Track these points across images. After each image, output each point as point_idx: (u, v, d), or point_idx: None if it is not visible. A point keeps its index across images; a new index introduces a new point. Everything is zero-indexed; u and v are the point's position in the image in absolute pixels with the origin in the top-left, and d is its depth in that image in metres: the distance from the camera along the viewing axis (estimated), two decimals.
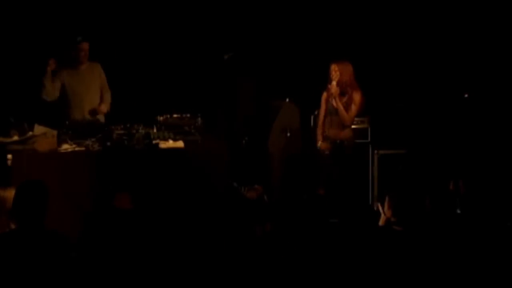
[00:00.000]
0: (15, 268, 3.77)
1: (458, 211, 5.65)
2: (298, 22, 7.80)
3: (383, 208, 5.16)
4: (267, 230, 4.74)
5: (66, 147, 5.85)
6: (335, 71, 6.71)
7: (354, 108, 6.72)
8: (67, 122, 6.29)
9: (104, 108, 6.80)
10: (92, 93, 6.80)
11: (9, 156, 5.60)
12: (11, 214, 4.15)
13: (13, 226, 4.29)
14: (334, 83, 6.67)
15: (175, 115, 6.42)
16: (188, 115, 6.45)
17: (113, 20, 7.53)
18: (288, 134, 6.99)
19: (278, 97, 7.50)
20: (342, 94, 6.70)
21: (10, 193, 4.40)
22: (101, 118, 6.79)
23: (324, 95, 6.82)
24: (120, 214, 4.46)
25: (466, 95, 7.60)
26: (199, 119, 6.42)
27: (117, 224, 4.01)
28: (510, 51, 7.63)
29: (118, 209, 4.80)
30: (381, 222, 5.24)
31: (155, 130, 6.21)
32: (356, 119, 7.41)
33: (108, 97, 6.90)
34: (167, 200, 5.67)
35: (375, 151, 7.37)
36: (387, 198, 5.05)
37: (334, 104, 6.70)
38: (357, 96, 6.71)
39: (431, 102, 7.58)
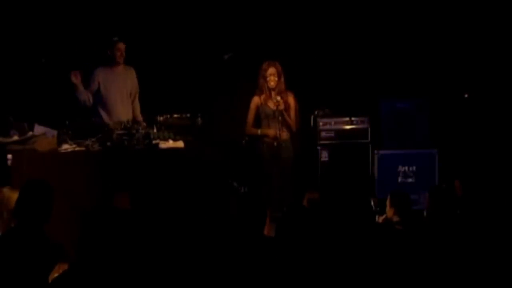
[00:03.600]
0: (8, 265, 3.78)
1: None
2: (297, 21, 7.79)
3: (376, 207, 5.17)
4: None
5: (66, 147, 5.84)
6: (275, 76, 6.68)
7: (293, 113, 6.78)
8: (67, 122, 6.29)
9: (139, 118, 6.79)
10: (124, 94, 6.80)
11: (9, 156, 5.60)
12: (13, 213, 4.16)
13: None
14: (279, 98, 6.67)
15: (175, 115, 6.42)
16: (188, 115, 6.45)
17: (113, 20, 7.53)
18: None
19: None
20: (282, 98, 6.73)
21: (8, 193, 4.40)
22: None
23: (255, 100, 6.82)
24: (119, 214, 4.45)
25: (466, 95, 7.59)
26: (199, 119, 6.42)
27: (116, 224, 4.01)
28: (510, 51, 7.62)
29: (117, 209, 4.79)
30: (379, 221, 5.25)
31: (155, 130, 6.20)
32: (356, 119, 7.43)
33: (139, 108, 6.91)
34: (167, 200, 5.66)
35: (375, 151, 7.36)
36: (388, 198, 5.05)
37: (273, 108, 6.71)
38: (292, 100, 6.78)
39: (431, 101, 7.58)
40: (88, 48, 7.14)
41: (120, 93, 6.77)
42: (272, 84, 6.71)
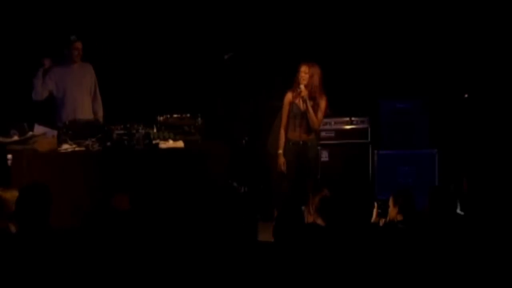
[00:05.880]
0: (18, 270, 3.77)
1: (460, 212, 5.66)
2: (297, 22, 7.80)
3: (378, 209, 5.16)
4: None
5: (66, 147, 5.85)
6: (305, 73, 6.55)
7: (320, 114, 6.58)
8: (66, 122, 6.29)
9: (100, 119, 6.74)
10: (85, 92, 6.77)
11: (9, 156, 5.60)
12: (13, 216, 4.15)
13: (13, 228, 4.29)
14: (303, 86, 6.50)
15: (175, 115, 6.42)
16: (188, 115, 6.45)
17: (114, 19, 7.53)
18: None
19: (278, 97, 7.49)
20: (310, 98, 6.55)
21: (11, 195, 4.39)
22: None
23: (288, 96, 6.64)
24: (118, 215, 4.45)
25: (466, 95, 7.60)
26: (199, 119, 6.42)
27: (115, 224, 4.01)
28: (510, 51, 7.62)
29: (117, 209, 4.79)
30: (373, 220, 5.26)
31: (155, 130, 6.20)
32: (356, 119, 7.43)
33: (100, 108, 6.86)
34: (167, 200, 5.66)
35: (375, 151, 7.37)
36: (391, 198, 5.05)
37: (302, 107, 6.55)
38: (323, 103, 6.56)
39: (431, 101, 7.58)
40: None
41: (80, 92, 6.73)
42: (303, 82, 6.57)
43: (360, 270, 3.91)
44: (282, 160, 6.62)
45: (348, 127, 7.44)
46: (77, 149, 5.84)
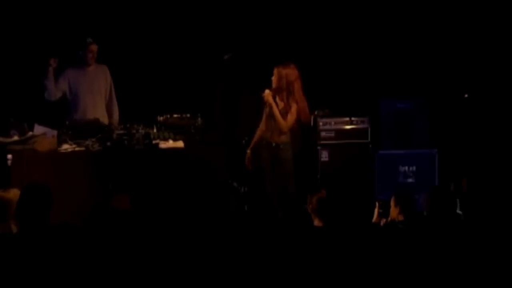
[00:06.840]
0: (19, 270, 3.77)
1: (459, 212, 5.66)
2: (297, 21, 7.80)
3: (379, 208, 5.17)
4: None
5: (66, 147, 5.85)
6: (274, 76, 6.47)
7: (290, 117, 6.44)
8: (67, 122, 6.29)
9: (115, 123, 6.72)
10: (97, 95, 6.76)
11: (9, 156, 5.60)
12: (14, 216, 4.15)
13: (14, 228, 4.29)
14: (267, 91, 6.45)
15: (175, 115, 6.42)
16: (188, 115, 6.44)
17: (113, 20, 7.53)
18: None
19: None
20: (281, 100, 6.47)
21: (13, 194, 4.40)
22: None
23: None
24: (118, 215, 4.46)
25: (466, 95, 7.60)
26: (199, 119, 6.42)
27: (116, 224, 4.01)
28: (510, 51, 7.62)
29: (117, 209, 4.79)
30: (374, 220, 5.26)
31: (155, 130, 6.20)
32: (356, 119, 7.42)
33: (115, 110, 6.85)
34: (167, 200, 5.67)
35: (375, 151, 7.37)
36: (393, 198, 5.05)
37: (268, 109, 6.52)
38: (294, 106, 6.45)
39: (431, 101, 7.59)
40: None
41: (92, 94, 6.71)
42: (273, 85, 6.55)
43: (360, 270, 3.91)
44: (247, 156, 6.59)
45: (348, 127, 7.43)
46: (77, 149, 5.85)
